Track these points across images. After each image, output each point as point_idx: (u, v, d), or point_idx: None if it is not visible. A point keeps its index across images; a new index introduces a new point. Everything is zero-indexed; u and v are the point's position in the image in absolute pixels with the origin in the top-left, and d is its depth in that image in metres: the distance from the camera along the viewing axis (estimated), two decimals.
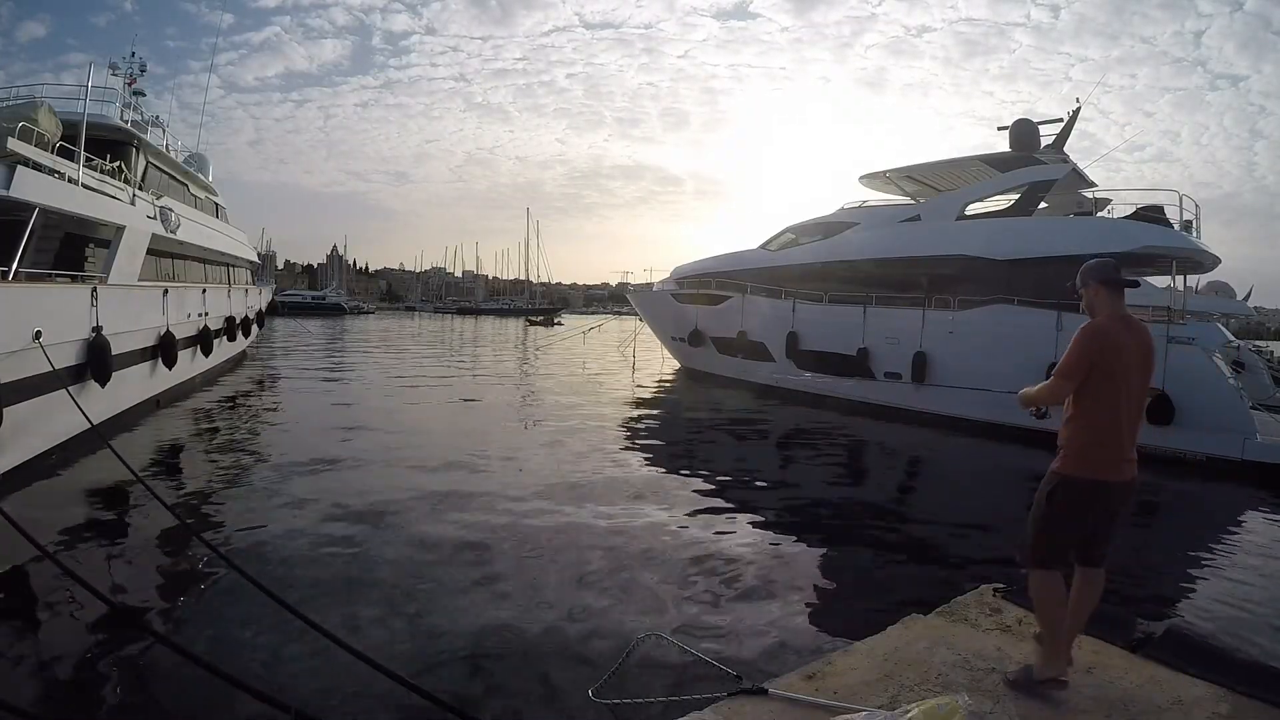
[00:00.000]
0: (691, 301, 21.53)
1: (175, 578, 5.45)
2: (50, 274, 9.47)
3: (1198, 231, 14.11)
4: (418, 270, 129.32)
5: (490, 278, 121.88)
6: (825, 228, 18.84)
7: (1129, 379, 2.94)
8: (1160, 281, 13.84)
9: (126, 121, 13.73)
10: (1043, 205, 15.97)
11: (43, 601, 4.90)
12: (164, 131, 16.91)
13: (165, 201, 13.72)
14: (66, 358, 8.62)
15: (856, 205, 19.11)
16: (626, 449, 11.06)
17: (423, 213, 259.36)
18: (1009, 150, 16.17)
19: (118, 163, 11.73)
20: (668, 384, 20.94)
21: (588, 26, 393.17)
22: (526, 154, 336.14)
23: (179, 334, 12.85)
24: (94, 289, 9.42)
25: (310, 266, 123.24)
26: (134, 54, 17.45)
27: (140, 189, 12.61)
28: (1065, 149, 16.01)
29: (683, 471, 9.58)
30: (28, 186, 8.27)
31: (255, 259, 26.36)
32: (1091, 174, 16.16)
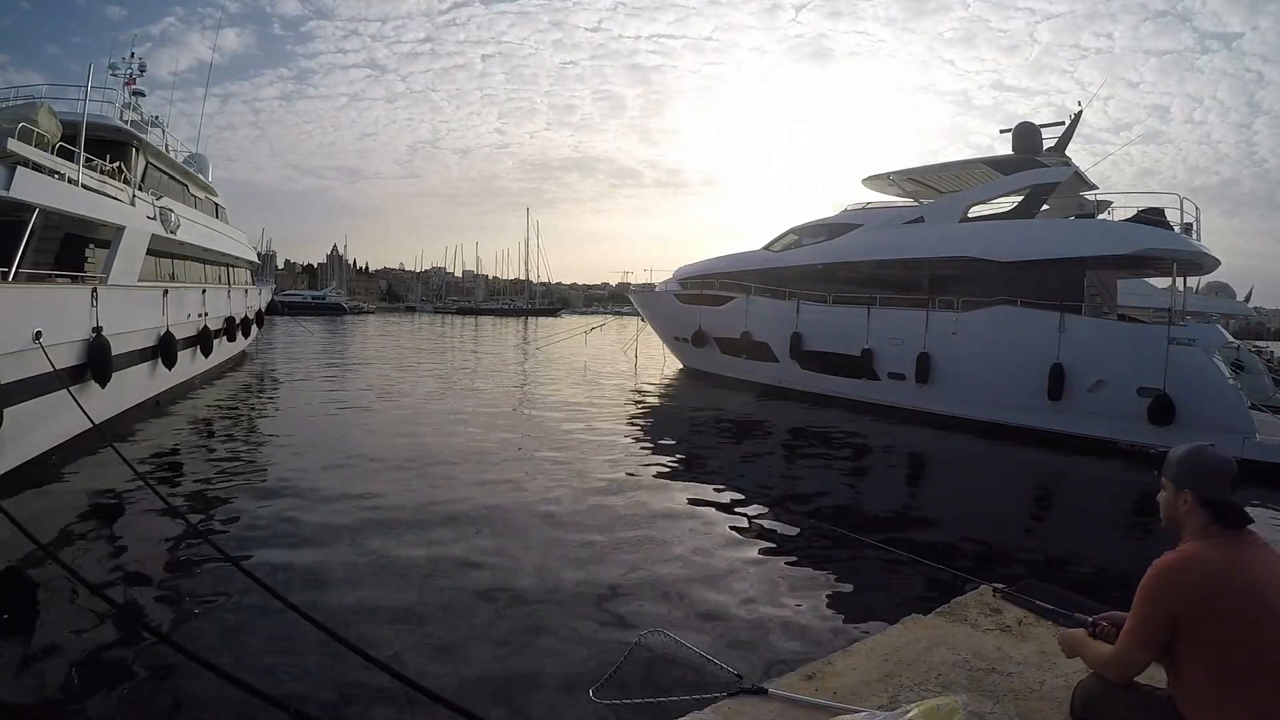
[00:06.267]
0: (695, 302, 21.56)
1: (176, 576, 5.45)
2: (50, 274, 9.48)
3: (1198, 234, 14.14)
4: (418, 270, 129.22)
5: (490, 277, 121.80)
6: (828, 229, 18.87)
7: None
8: (1161, 283, 13.86)
9: (126, 122, 13.74)
10: (1045, 207, 16.00)
11: (44, 601, 4.90)
12: (163, 132, 16.94)
13: (165, 202, 13.74)
14: (67, 358, 8.62)
15: (859, 207, 19.14)
16: (628, 448, 11.05)
17: (387, 209, 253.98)
18: (1011, 153, 16.25)
19: (117, 163, 11.74)
20: (670, 384, 20.94)
21: (483, 1, 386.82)
22: (469, 146, 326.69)
23: (179, 334, 12.86)
24: (94, 289, 9.43)
25: (310, 266, 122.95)
26: (133, 54, 17.51)
27: (140, 189, 12.63)
28: (1065, 149, 16.07)
29: (685, 471, 9.58)
30: (28, 187, 8.28)
31: (255, 259, 26.39)
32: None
